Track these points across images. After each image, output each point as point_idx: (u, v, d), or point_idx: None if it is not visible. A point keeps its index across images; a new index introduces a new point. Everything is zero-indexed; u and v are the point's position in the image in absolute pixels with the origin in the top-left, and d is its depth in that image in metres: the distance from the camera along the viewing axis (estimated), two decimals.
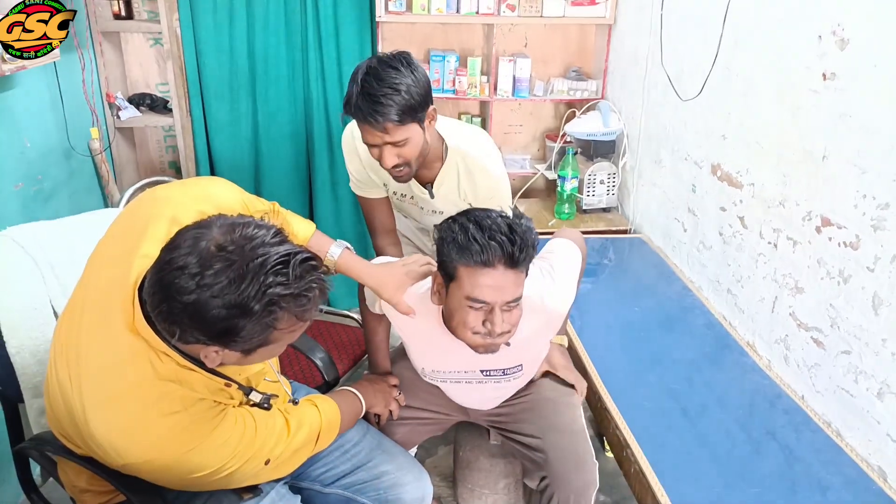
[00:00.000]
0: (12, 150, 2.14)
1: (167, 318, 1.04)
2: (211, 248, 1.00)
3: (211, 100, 2.96)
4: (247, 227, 1.04)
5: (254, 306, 0.99)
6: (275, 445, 1.26)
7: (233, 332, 1.02)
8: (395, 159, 1.62)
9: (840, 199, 1.70)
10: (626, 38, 2.90)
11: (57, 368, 1.19)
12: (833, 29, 1.70)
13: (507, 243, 1.26)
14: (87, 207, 2.56)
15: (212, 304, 0.99)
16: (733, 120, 2.15)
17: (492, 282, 1.28)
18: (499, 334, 1.33)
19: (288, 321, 1.05)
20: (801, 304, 1.86)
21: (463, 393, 1.69)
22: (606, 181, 2.95)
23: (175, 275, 1.00)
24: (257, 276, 0.99)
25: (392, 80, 1.53)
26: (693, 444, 1.64)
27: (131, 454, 1.10)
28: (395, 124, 1.55)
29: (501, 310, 1.31)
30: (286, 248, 1.03)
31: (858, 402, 1.66)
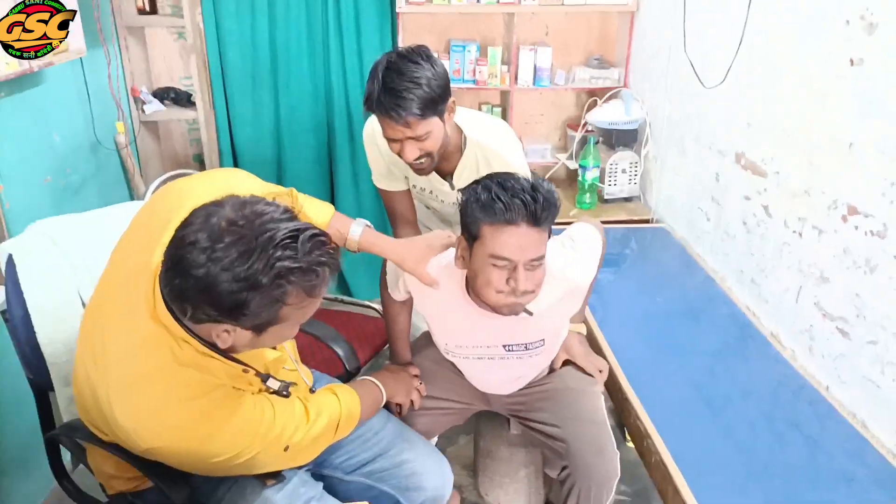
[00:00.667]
0: (42, 144, 2.19)
1: (179, 295, 1.06)
2: (222, 224, 1.02)
3: (234, 93, 2.99)
4: (256, 203, 1.06)
5: (262, 280, 1.00)
6: (294, 432, 1.27)
7: (242, 307, 1.03)
8: (416, 152, 1.63)
9: (867, 187, 1.67)
10: (648, 26, 2.86)
11: (83, 357, 1.22)
12: (861, 13, 1.66)
13: (530, 201, 1.29)
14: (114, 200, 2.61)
15: (221, 278, 1.00)
16: (758, 107, 2.11)
17: (515, 239, 1.31)
18: (522, 292, 1.34)
19: (297, 296, 1.06)
20: (827, 293, 1.83)
21: (484, 372, 1.69)
22: (628, 170, 2.92)
23: (187, 249, 1.01)
24: (265, 250, 1.00)
25: (412, 73, 1.54)
26: (715, 435, 1.63)
27: (153, 439, 1.13)
28: (416, 118, 1.56)
29: (525, 268, 1.33)
30: (295, 224, 1.05)
31: (885, 392, 1.63)
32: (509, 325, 1.51)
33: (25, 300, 1.52)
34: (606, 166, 2.89)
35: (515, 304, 1.38)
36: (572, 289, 1.56)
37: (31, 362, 1.53)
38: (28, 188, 2.08)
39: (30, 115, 2.12)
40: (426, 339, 1.89)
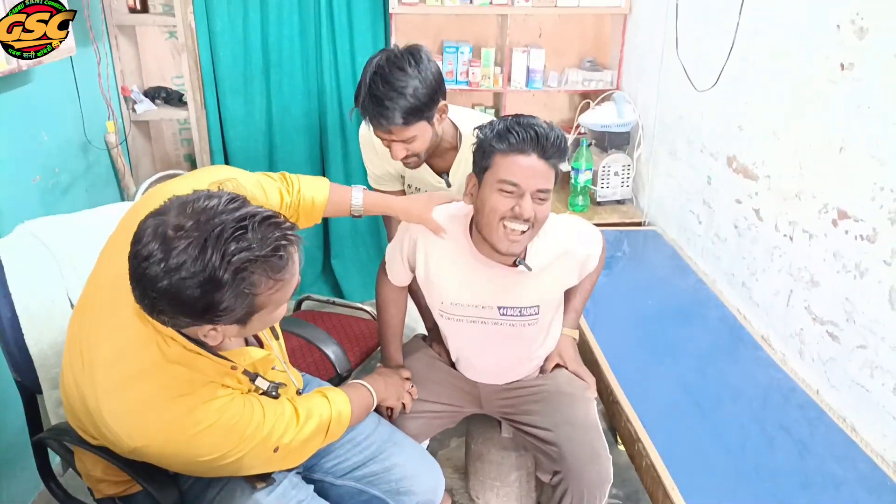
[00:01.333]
0: (31, 143, 2.17)
1: (152, 309, 1.04)
2: (169, 232, 0.99)
3: (225, 92, 2.98)
4: (198, 201, 1.03)
5: (223, 276, 0.98)
6: (284, 433, 1.26)
7: (214, 308, 1.01)
8: (403, 152, 1.66)
9: (857, 192, 1.68)
10: (641, 28, 2.87)
11: (71, 358, 1.21)
12: (851, 18, 1.67)
13: (543, 134, 1.40)
14: (104, 200, 2.59)
15: (184, 286, 0.98)
16: (749, 111, 2.12)
17: (525, 165, 1.40)
18: (525, 220, 1.41)
19: (266, 284, 1.04)
20: (817, 297, 1.84)
21: (477, 345, 1.69)
22: (621, 173, 2.93)
23: (144, 266, 0.99)
24: (217, 247, 0.98)
25: (398, 82, 1.55)
26: (706, 439, 1.64)
27: (141, 437, 1.12)
28: (399, 126, 1.58)
29: (531, 197, 1.41)
30: (242, 212, 1.02)
31: (874, 396, 1.64)
32: (507, 282, 1.57)
33: (13, 301, 1.50)
34: (599, 169, 2.89)
35: (515, 238, 1.44)
36: (569, 252, 1.60)
37: (18, 364, 1.52)
38: (16, 188, 2.07)
39: (19, 114, 2.10)
40: (418, 343, 1.89)
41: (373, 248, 3.30)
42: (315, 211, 1.51)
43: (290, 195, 1.46)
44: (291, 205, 1.46)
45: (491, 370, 1.74)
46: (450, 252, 1.59)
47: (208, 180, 1.31)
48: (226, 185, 1.11)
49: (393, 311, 1.77)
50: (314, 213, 1.52)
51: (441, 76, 1.64)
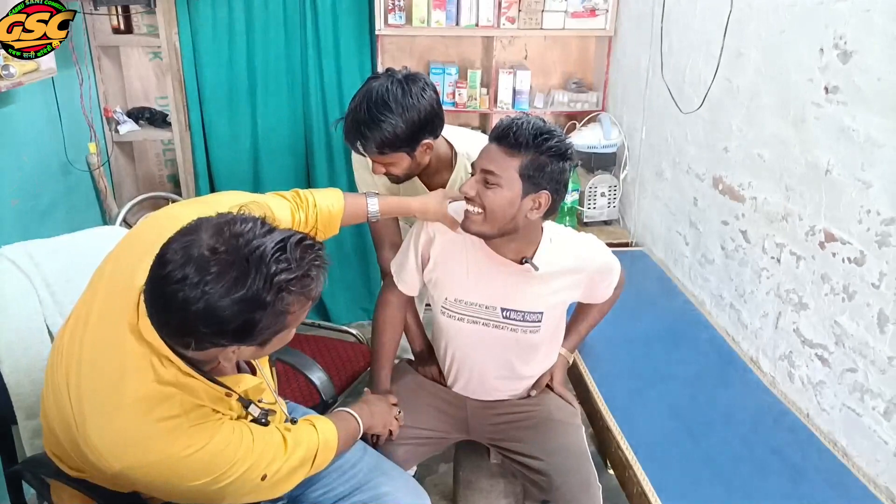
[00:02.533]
0: (9, 165, 2.14)
1: (180, 332, 1.05)
2: (204, 253, 1.00)
3: (210, 113, 2.96)
4: (233, 224, 1.05)
5: (266, 297, 1.01)
6: (272, 461, 1.25)
7: (251, 327, 1.04)
8: (381, 170, 1.70)
9: (844, 214, 1.68)
10: (626, 50, 2.89)
11: (55, 376, 1.18)
12: (835, 41, 1.68)
13: (507, 125, 1.44)
14: (85, 222, 2.55)
15: (223, 306, 1.00)
16: (735, 133, 2.13)
17: (483, 153, 1.49)
18: (466, 194, 1.47)
19: (298, 303, 1.07)
20: (806, 320, 1.84)
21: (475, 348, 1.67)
22: (607, 193, 2.93)
23: (176, 288, 0.99)
24: (260, 268, 1.00)
25: (379, 115, 1.57)
26: (697, 464, 1.62)
27: (129, 458, 1.09)
28: (374, 154, 1.63)
29: (477, 179, 1.46)
30: (278, 234, 1.05)
31: (865, 420, 1.63)
32: (512, 281, 1.58)
33: None
34: (585, 189, 2.89)
35: (466, 215, 1.49)
36: (581, 269, 1.61)
37: None
38: None
39: None
40: (405, 367, 1.86)
41: (358, 270, 3.27)
42: (333, 221, 1.53)
43: (302, 211, 1.46)
44: (307, 220, 1.47)
45: (480, 381, 1.72)
46: (461, 247, 1.60)
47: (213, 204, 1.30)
48: (249, 207, 1.13)
49: (390, 334, 1.75)
50: (332, 224, 1.53)
51: (433, 113, 1.65)
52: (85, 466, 1.20)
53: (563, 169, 1.47)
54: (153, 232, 1.21)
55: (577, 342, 1.84)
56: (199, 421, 1.14)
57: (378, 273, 3.26)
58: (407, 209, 1.64)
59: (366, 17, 2.91)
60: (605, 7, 2.92)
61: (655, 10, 2.55)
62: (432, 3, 2.81)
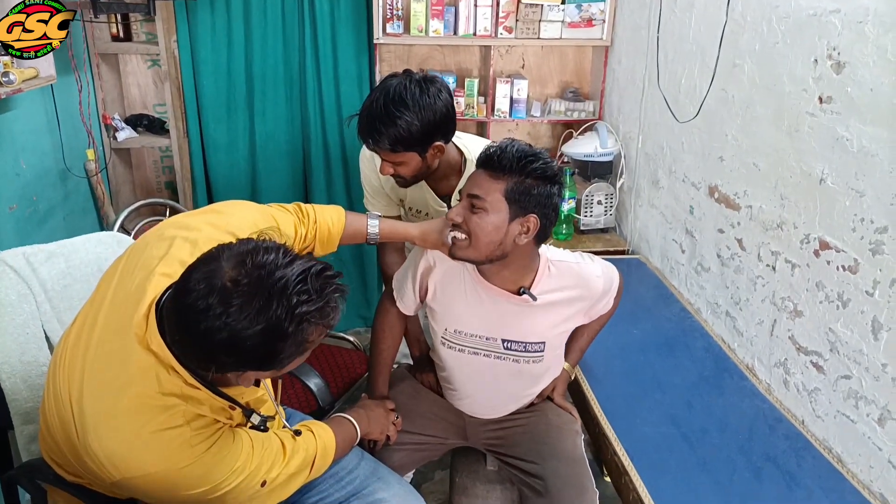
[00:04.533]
0: (7, 171, 2.14)
1: (204, 359, 1.06)
2: (227, 285, 1.01)
3: (208, 120, 2.97)
4: (255, 253, 1.05)
5: (287, 328, 1.02)
6: (271, 467, 1.25)
7: (272, 356, 1.06)
8: (390, 170, 1.68)
9: (838, 223, 1.69)
10: (622, 60, 2.91)
11: (56, 382, 1.18)
12: (828, 53, 1.70)
13: (493, 150, 1.44)
14: (83, 228, 2.56)
15: (246, 336, 1.01)
16: (730, 142, 2.15)
17: (471, 179, 1.47)
18: (452, 220, 1.45)
19: (317, 332, 1.09)
20: (801, 327, 1.85)
21: (476, 378, 1.66)
22: (604, 202, 2.94)
23: (200, 318, 1.00)
24: (282, 300, 1.01)
25: (394, 112, 1.56)
26: (693, 471, 1.62)
27: (129, 468, 1.09)
28: (386, 152, 1.60)
29: (463, 205, 1.45)
30: (300, 265, 1.06)
31: (859, 427, 1.64)
32: (512, 312, 1.56)
33: None
34: (582, 197, 2.91)
35: (453, 241, 1.47)
36: (582, 297, 1.60)
37: None
38: None
39: None
40: (403, 373, 1.87)
41: (356, 277, 3.28)
42: (332, 239, 1.52)
43: (304, 226, 1.46)
44: (307, 235, 1.47)
45: (484, 404, 1.72)
46: (461, 278, 1.59)
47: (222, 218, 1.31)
48: (268, 233, 1.14)
49: (389, 341, 1.75)
50: (331, 242, 1.53)
51: (448, 116, 1.63)
52: (84, 473, 1.20)
53: (551, 193, 1.45)
54: (164, 243, 1.22)
55: (578, 357, 1.83)
56: (200, 431, 1.14)
57: (375, 282, 3.29)
58: (407, 235, 1.60)
59: (364, 25, 2.93)
60: (601, 18, 2.94)
61: (651, 21, 2.58)
62: (430, 12, 2.84)
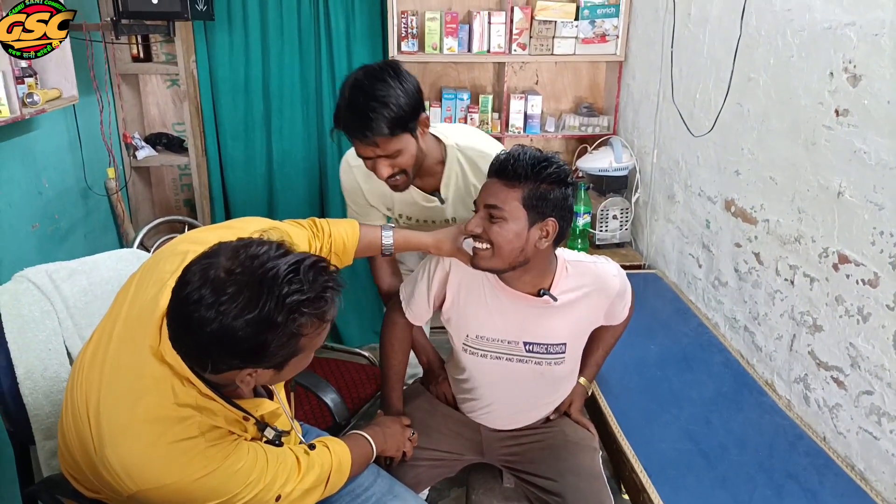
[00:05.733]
0: (30, 190, 2.18)
1: (196, 352, 1.07)
2: (220, 275, 1.02)
3: (226, 138, 3.01)
4: (250, 246, 1.07)
5: (277, 318, 1.02)
6: (286, 482, 1.25)
7: (263, 348, 1.04)
8: (388, 170, 1.62)
9: (857, 236, 1.68)
10: (636, 75, 2.91)
11: (74, 397, 1.19)
12: (844, 66, 1.70)
13: (504, 159, 1.44)
14: (103, 246, 2.59)
15: (236, 327, 1.01)
16: (746, 155, 2.14)
17: (483, 188, 1.48)
18: (471, 232, 1.46)
19: (311, 325, 1.08)
20: (820, 342, 1.83)
21: (497, 384, 1.65)
22: (619, 216, 2.94)
23: (192, 309, 1.01)
24: (272, 289, 1.02)
25: (379, 93, 1.52)
26: (712, 488, 1.60)
27: (145, 479, 1.10)
28: (385, 138, 1.54)
29: (481, 215, 1.46)
30: (292, 257, 1.06)
31: (883, 444, 1.61)
32: (532, 314, 1.56)
33: (10, 350, 1.49)
34: (597, 212, 2.90)
35: (474, 252, 1.48)
36: (599, 288, 1.59)
37: (11, 414, 1.49)
38: (15, 234, 2.07)
39: (20, 162, 2.12)
40: (418, 388, 1.87)
41: (371, 292, 3.28)
42: (347, 252, 1.54)
43: (318, 240, 1.48)
44: (321, 248, 1.49)
45: (505, 413, 1.71)
46: (480, 283, 1.59)
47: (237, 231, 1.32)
48: (270, 233, 1.15)
49: (400, 355, 1.75)
50: (346, 255, 1.55)
51: (420, 89, 1.61)
52: (101, 487, 1.21)
53: (566, 195, 1.46)
54: (177, 258, 1.24)
55: (595, 372, 1.82)
56: (216, 442, 1.14)
57: None
58: (421, 244, 1.60)
59: (379, 44, 2.96)
60: (615, 33, 2.96)
61: (665, 35, 2.59)
62: (445, 30, 2.86)
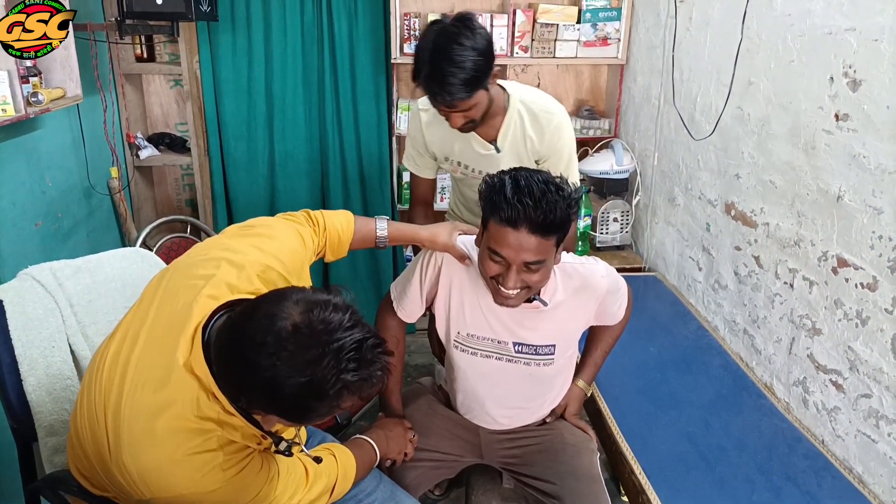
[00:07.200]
0: (34, 189, 2.19)
1: (239, 388, 1.07)
2: (288, 328, 1.02)
3: (229, 139, 3.02)
4: (325, 308, 1.05)
5: (328, 390, 1.02)
6: (294, 492, 1.26)
7: (305, 411, 1.05)
8: (462, 121, 1.73)
9: (856, 240, 1.69)
10: (638, 78, 2.93)
11: (92, 395, 1.19)
12: (844, 70, 1.71)
13: (531, 207, 1.30)
14: (105, 245, 2.60)
15: (287, 384, 1.01)
16: (747, 159, 2.15)
17: (512, 241, 1.34)
18: (510, 289, 1.39)
19: (350, 400, 1.08)
20: (819, 345, 1.84)
21: (486, 382, 1.66)
22: (620, 219, 2.95)
23: (251, 351, 1.01)
24: (332, 362, 1.01)
25: (458, 57, 1.60)
26: (711, 490, 1.61)
27: (161, 487, 1.10)
28: (462, 100, 1.64)
29: (517, 270, 1.37)
30: (359, 333, 1.05)
31: (881, 447, 1.62)
32: (522, 316, 1.55)
33: (14, 347, 1.49)
34: (598, 214, 2.92)
35: (505, 297, 1.42)
36: (587, 287, 1.58)
37: (15, 411, 1.50)
38: (19, 233, 2.07)
39: (24, 160, 2.13)
40: (419, 390, 1.87)
41: (372, 292, 3.29)
42: (342, 245, 1.53)
43: (316, 234, 1.47)
44: (318, 242, 1.48)
45: (496, 411, 1.71)
46: (471, 281, 1.59)
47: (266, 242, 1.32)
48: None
49: (394, 357, 1.74)
50: (341, 247, 1.54)
51: (491, 41, 1.68)
52: (111, 487, 1.21)
53: None
54: (210, 265, 1.23)
55: (593, 373, 1.81)
56: (232, 455, 1.15)
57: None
58: (416, 237, 1.62)
59: (381, 45, 2.97)
60: (616, 36, 2.97)
61: (666, 39, 2.60)
62: None
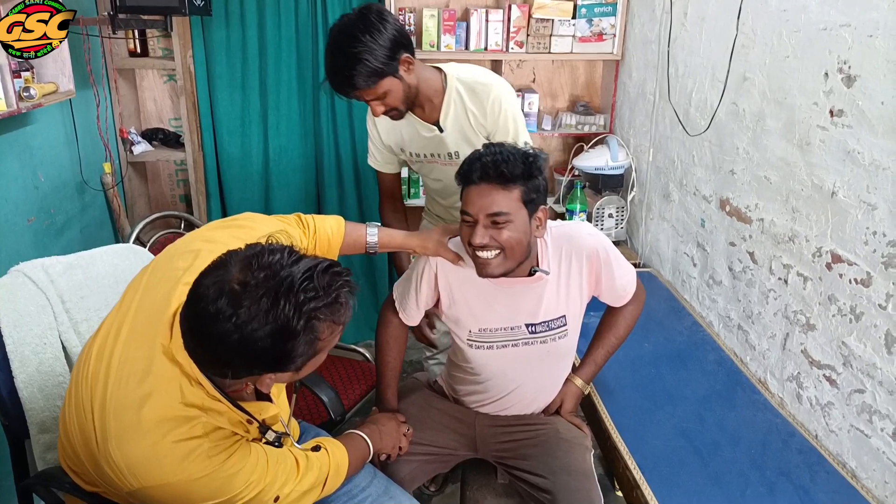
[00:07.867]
0: (27, 184, 2.18)
1: (217, 363, 1.07)
2: (235, 287, 1.02)
3: (223, 134, 3.01)
4: (261, 255, 1.06)
5: (296, 326, 1.02)
6: (284, 483, 1.25)
7: (285, 356, 1.06)
8: (381, 108, 1.74)
9: (850, 236, 1.69)
10: (633, 74, 2.92)
11: (79, 390, 1.19)
12: (839, 66, 1.71)
13: (489, 161, 1.43)
14: (99, 241, 2.59)
15: (257, 337, 1.01)
16: (741, 155, 2.15)
17: (474, 196, 1.45)
18: (478, 244, 1.45)
19: (328, 329, 1.08)
20: (813, 340, 1.84)
21: (510, 370, 1.67)
22: (615, 215, 2.95)
23: (210, 323, 1.02)
24: (289, 298, 1.02)
25: (350, 50, 1.61)
26: (705, 485, 1.61)
27: (148, 477, 1.10)
28: (366, 89, 1.66)
29: (483, 225, 1.44)
30: (305, 263, 1.07)
31: (874, 442, 1.63)
32: (528, 296, 1.58)
33: (5, 343, 1.49)
34: (593, 210, 2.91)
35: (486, 263, 1.47)
36: (573, 244, 1.60)
37: (7, 407, 1.49)
38: (11, 229, 2.06)
39: (16, 156, 2.11)
40: (414, 384, 1.87)
41: (367, 289, 3.29)
42: (331, 248, 1.54)
43: (306, 238, 1.48)
44: (307, 247, 1.47)
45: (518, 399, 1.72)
46: (469, 279, 1.60)
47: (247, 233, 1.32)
48: (278, 237, 1.15)
49: (394, 352, 1.75)
50: (331, 252, 1.54)
51: (401, 32, 1.69)
52: (100, 481, 1.21)
53: (546, 177, 1.51)
54: (189, 256, 1.24)
55: (593, 372, 1.78)
56: (219, 442, 1.15)
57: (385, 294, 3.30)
58: (405, 244, 1.64)
59: None
60: (612, 32, 2.96)
61: (662, 35, 2.59)
62: (442, 27, 2.87)
